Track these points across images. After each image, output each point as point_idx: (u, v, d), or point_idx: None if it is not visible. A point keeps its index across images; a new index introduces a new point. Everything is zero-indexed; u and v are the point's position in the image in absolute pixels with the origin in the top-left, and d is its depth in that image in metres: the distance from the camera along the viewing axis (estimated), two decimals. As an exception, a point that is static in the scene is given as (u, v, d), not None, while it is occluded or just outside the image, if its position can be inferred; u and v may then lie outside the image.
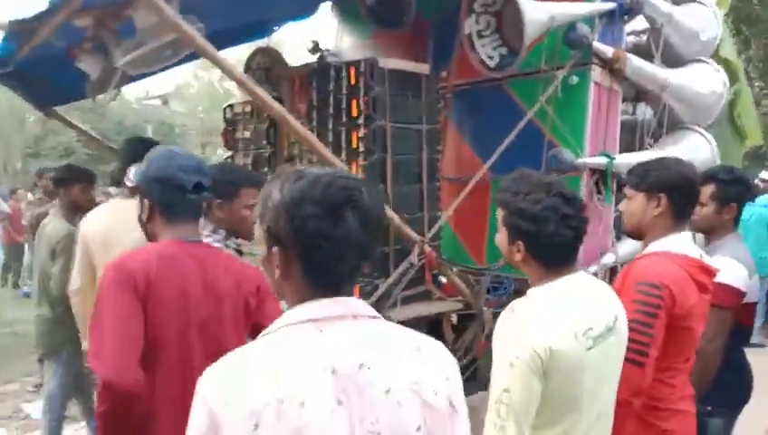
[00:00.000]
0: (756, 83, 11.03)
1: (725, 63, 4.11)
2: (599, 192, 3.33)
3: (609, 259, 3.30)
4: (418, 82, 3.11)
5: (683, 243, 2.04)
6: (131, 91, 22.31)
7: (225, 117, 3.99)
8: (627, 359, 1.79)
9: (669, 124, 3.74)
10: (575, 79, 3.29)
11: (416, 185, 3.11)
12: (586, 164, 3.21)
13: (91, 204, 3.67)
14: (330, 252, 1.09)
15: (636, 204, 2.10)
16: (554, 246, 1.63)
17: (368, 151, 2.87)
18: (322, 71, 3.15)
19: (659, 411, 2.00)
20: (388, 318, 2.82)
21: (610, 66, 3.34)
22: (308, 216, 1.07)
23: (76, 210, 3.64)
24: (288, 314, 1.11)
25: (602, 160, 3.26)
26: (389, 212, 2.78)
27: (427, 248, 2.91)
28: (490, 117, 3.62)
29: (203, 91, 27.43)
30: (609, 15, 3.35)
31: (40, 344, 3.73)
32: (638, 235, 2.15)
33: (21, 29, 2.52)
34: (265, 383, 1.02)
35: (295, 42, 4.76)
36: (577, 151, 3.23)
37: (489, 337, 2.28)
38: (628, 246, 3.28)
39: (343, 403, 1.04)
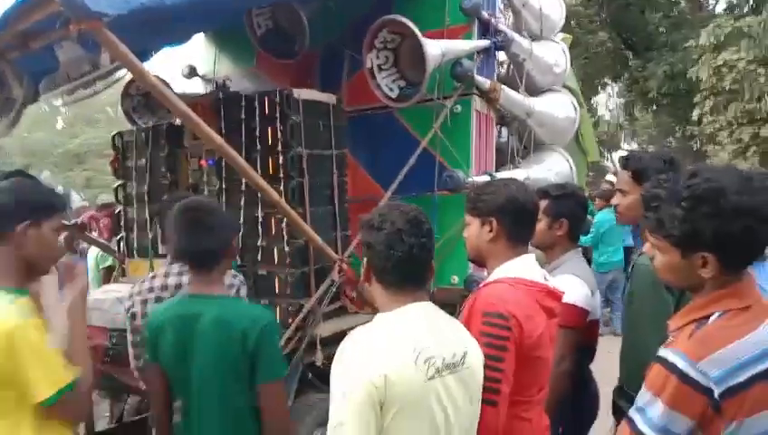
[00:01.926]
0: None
1: (570, 91, 4.78)
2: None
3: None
4: (327, 111, 3.31)
5: (526, 267, 1.96)
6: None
7: (113, 145, 3.90)
8: (480, 398, 1.71)
9: (533, 145, 4.29)
10: (459, 108, 3.68)
11: (329, 207, 3.31)
12: (474, 182, 3.61)
13: None
14: None
15: (471, 230, 2.03)
16: (392, 259, 1.59)
17: (287, 177, 3.03)
18: (231, 100, 3.24)
19: None
20: (313, 335, 3.01)
21: (488, 96, 3.78)
22: None
23: None
24: None
25: (486, 178, 3.67)
26: (310, 233, 2.95)
27: (345, 266, 3.11)
28: (382, 141, 3.90)
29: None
30: (484, 51, 3.80)
31: None
32: (479, 261, 2.08)
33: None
34: None
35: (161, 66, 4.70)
36: (465, 172, 3.62)
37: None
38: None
39: None
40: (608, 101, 18.75)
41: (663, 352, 1.51)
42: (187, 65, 4.82)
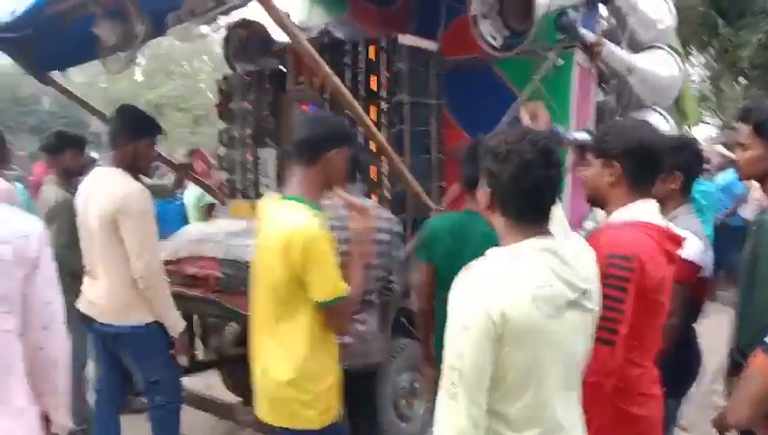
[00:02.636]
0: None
1: (672, 50, 4.58)
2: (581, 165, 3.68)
3: (589, 224, 3.67)
4: (428, 59, 3.30)
5: (649, 211, 1.90)
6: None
7: (219, 88, 4.01)
8: (596, 337, 1.67)
9: (632, 105, 4.16)
10: (560, 60, 3.60)
11: (426, 157, 3.32)
12: (574, 138, 3.55)
13: (82, 169, 3.67)
14: None
15: (593, 170, 1.96)
16: (517, 192, 1.54)
17: (390, 124, 3.05)
18: (335, 46, 3.27)
19: (633, 396, 1.88)
20: (407, 282, 3.06)
21: (590, 50, 3.67)
22: None
23: (69, 176, 3.63)
24: None
25: (586, 135, 3.60)
26: (412, 181, 2.98)
27: (442, 215, 3.14)
28: (477, 93, 3.84)
29: (106, 61, 25.96)
30: (588, 3, 3.68)
31: None
32: (598, 202, 2.03)
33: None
34: None
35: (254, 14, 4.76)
36: (565, 127, 3.55)
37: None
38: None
39: None
40: (692, 71, 17.82)
41: None
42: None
